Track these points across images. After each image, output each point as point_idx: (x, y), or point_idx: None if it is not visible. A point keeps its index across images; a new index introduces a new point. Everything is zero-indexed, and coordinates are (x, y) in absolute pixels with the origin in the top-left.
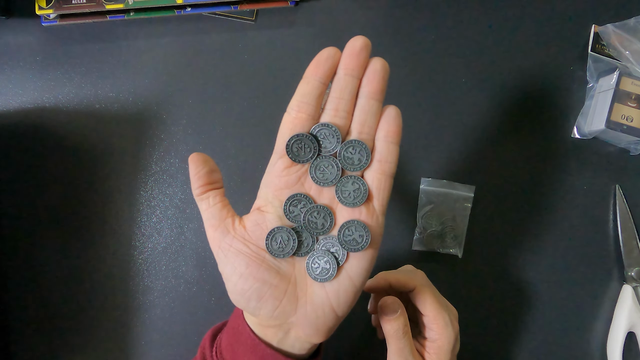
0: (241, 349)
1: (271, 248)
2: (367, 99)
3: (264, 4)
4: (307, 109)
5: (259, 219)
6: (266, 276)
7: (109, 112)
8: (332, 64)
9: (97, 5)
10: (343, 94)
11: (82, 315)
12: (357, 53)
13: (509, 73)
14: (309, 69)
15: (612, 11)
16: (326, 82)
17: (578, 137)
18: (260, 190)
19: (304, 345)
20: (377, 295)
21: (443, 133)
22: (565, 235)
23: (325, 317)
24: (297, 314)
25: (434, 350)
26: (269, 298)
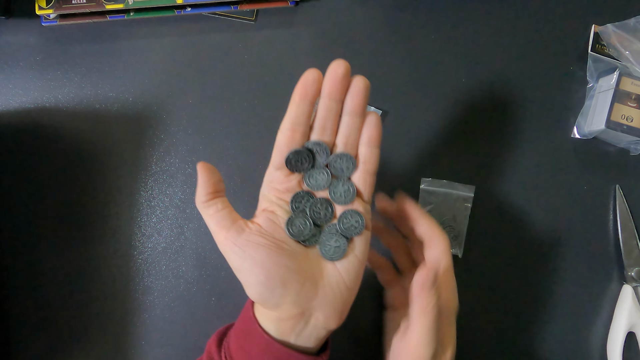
0: (255, 350)
1: (292, 232)
2: (350, 116)
3: (264, 4)
4: (299, 129)
5: (270, 216)
6: (288, 262)
7: (109, 112)
8: (317, 87)
9: (97, 5)
10: (329, 115)
11: (82, 315)
12: (339, 80)
13: (509, 73)
14: (297, 92)
15: (612, 11)
16: (313, 102)
17: (578, 137)
18: (262, 196)
19: (320, 333)
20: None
21: (443, 133)
22: (566, 235)
23: (342, 295)
24: (318, 295)
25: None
26: (293, 282)
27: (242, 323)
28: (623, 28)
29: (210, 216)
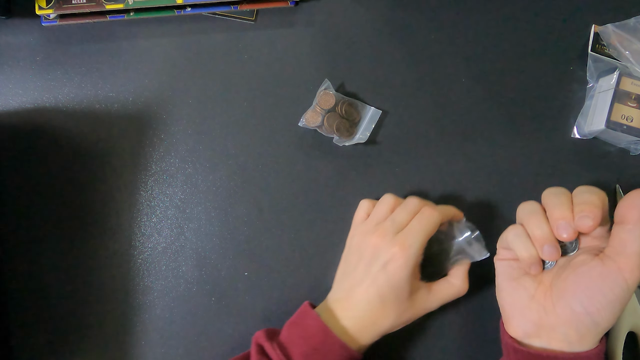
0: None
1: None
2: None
3: (264, 4)
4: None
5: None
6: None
7: (109, 112)
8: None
9: (97, 5)
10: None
11: (82, 315)
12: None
13: (509, 73)
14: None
15: (612, 11)
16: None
17: (578, 137)
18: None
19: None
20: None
21: (443, 133)
22: None
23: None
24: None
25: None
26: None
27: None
28: (623, 28)
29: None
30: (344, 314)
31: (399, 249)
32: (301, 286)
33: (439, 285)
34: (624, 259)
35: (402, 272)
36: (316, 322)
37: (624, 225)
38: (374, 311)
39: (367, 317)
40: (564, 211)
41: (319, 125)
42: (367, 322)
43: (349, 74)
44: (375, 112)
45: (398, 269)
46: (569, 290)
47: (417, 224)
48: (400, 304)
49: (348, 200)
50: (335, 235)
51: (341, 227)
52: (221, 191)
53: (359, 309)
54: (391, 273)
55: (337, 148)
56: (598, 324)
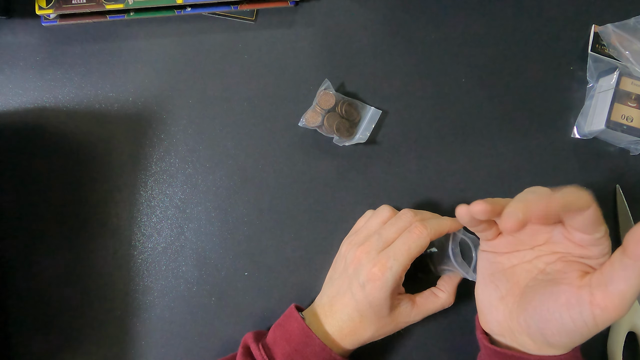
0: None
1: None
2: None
3: (264, 4)
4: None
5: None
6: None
7: (109, 112)
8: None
9: (97, 5)
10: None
11: (82, 315)
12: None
13: (509, 73)
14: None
15: (612, 11)
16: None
17: (578, 137)
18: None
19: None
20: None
21: (443, 133)
22: None
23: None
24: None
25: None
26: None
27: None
28: (623, 28)
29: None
30: (326, 319)
31: (379, 269)
32: (301, 286)
33: (423, 299)
34: (603, 295)
35: (380, 293)
36: (299, 324)
37: (624, 256)
38: (353, 323)
39: (347, 327)
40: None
41: (319, 125)
42: (347, 332)
43: (349, 74)
44: (375, 112)
45: (376, 289)
46: (532, 304)
47: (401, 245)
48: (380, 320)
49: (348, 200)
50: (336, 236)
51: (341, 227)
52: (221, 191)
53: (339, 319)
54: (369, 292)
55: (337, 148)
56: (553, 345)
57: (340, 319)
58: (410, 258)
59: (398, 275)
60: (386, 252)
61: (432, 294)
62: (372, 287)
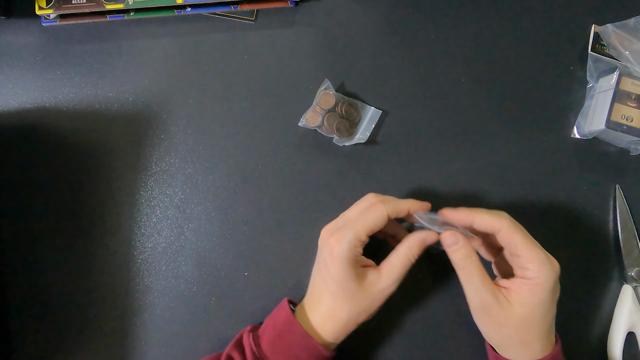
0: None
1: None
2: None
3: (264, 4)
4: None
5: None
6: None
7: (109, 112)
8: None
9: (97, 5)
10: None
11: (82, 315)
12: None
13: (509, 73)
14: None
15: (612, 11)
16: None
17: (578, 137)
18: None
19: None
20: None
21: (443, 133)
22: (566, 235)
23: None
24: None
25: (528, 287)
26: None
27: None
28: (623, 28)
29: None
30: (311, 310)
31: (334, 241)
32: (301, 286)
33: (387, 262)
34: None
35: (339, 264)
36: (286, 312)
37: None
38: (329, 305)
39: (325, 311)
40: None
41: (319, 125)
42: (326, 316)
43: (349, 74)
44: (375, 112)
45: (335, 261)
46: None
47: (356, 218)
48: (351, 296)
49: (348, 200)
50: None
51: None
52: (221, 191)
53: (319, 306)
54: (330, 266)
55: (337, 148)
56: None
57: (320, 306)
58: (365, 228)
59: (352, 244)
60: (343, 226)
61: (395, 253)
62: (331, 260)
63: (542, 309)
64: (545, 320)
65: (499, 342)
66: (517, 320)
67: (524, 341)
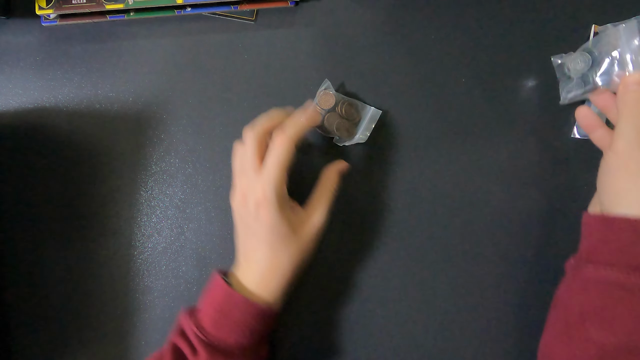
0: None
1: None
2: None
3: (264, 4)
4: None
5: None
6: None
7: (109, 112)
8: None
9: (97, 5)
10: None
11: (82, 315)
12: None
13: (508, 73)
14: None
15: (612, 11)
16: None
17: (578, 137)
18: None
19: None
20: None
21: (443, 133)
22: (566, 236)
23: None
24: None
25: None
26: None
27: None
28: None
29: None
30: (245, 274)
31: (260, 192)
32: (301, 286)
33: (313, 195)
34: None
35: (272, 213)
36: (221, 286)
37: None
38: (268, 260)
39: (266, 269)
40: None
41: (319, 125)
42: (268, 273)
43: (349, 74)
44: (375, 112)
45: (266, 212)
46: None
47: (269, 162)
48: (288, 242)
49: (348, 200)
50: (336, 236)
51: (341, 226)
52: (221, 191)
53: (256, 265)
54: (263, 219)
55: (337, 148)
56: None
57: (257, 265)
58: (282, 168)
59: (278, 188)
60: (260, 175)
61: (318, 183)
62: (263, 212)
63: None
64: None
65: (620, 190)
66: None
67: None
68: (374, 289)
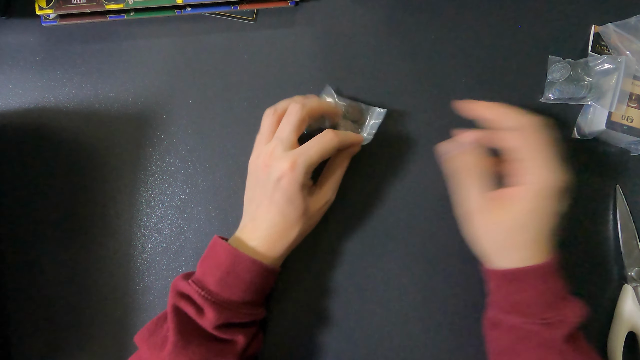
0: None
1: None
2: None
3: (264, 4)
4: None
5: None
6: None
7: (109, 112)
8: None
9: (97, 5)
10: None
11: (82, 315)
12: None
13: (508, 73)
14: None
15: (612, 11)
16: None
17: (578, 137)
18: None
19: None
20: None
21: (443, 133)
22: (566, 235)
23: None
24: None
25: (525, 192)
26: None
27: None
28: (624, 27)
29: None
30: (252, 236)
31: (289, 165)
32: (301, 286)
33: (323, 177)
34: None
35: (293, 186)
36: (224, 248)
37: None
38: (279, 226)
39: (274, 233)
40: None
41: None
42: (275, 237)
43: (349, 74)
44: (379, 112)
45: (288, 183)
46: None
47: (313, 146)
48: (302, 214)
49: (348, 200)
50: (336, 236)
51: (341, 226)
52: (221, 191)
53: (264, 228)
54: (283, 187)
55: None
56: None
57: (267, 227)
58: (321, 156)
59: (309, 168)
60: (296, 152)
61: (328, 166)
62: (285, 182)
63: (536, 216)
64: (539, 228)
65: (488, 248)
66: (510, 225)
67: (512, 246)
68: (374, 289)
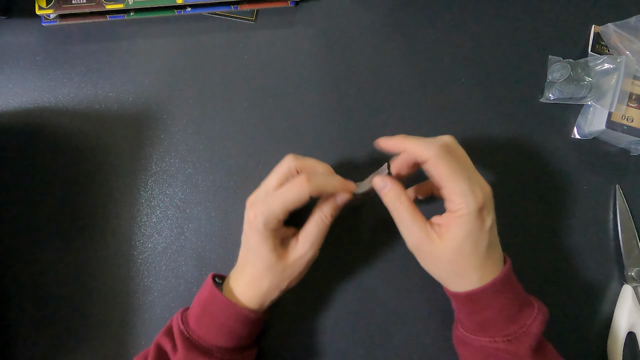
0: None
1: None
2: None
3: (264, 4)
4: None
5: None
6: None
7: (109, 112)
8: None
9: (97, 5)
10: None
11: (82, 315)
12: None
13: (508, 73)
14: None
15: (612, 11)
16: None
17: (578, 137)
18: None
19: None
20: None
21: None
22: (565, 235)
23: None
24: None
25: (454, 220)
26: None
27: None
28: (624, 27)
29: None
30: (236, 279)
31: (252, 215)
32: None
33: (303, 229)
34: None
35: (256, 238)
36: (208, 285)
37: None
38: (251, 274)
39: (248, 279)
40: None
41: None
42: (249, 284)
43: (349, 74)
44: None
45: (253, 235)
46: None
47: (279, 194)
48: (270, 267)
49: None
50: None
51: (341, 226)
52: (221, 191)
53: (242, 272)
54: (250, 239)
55: (337, 147)
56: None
57: (244, 275)
58: (284, 207)
59: (268, 220)
60: (264, 199)
61: (310, 218)
62: (250, 233)
63: (471, 240)
64: (477, 251)
65: (439, 277)
66: (448, 254)
67: (458, 273)
68: (374, 289)
